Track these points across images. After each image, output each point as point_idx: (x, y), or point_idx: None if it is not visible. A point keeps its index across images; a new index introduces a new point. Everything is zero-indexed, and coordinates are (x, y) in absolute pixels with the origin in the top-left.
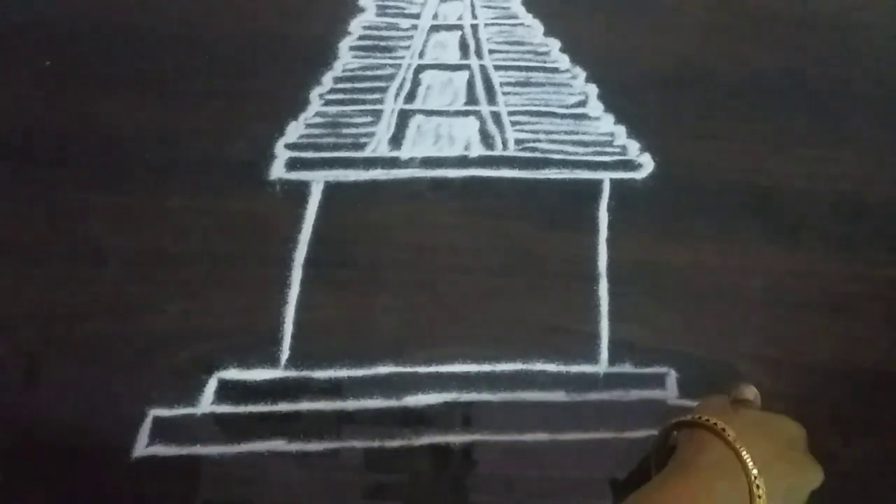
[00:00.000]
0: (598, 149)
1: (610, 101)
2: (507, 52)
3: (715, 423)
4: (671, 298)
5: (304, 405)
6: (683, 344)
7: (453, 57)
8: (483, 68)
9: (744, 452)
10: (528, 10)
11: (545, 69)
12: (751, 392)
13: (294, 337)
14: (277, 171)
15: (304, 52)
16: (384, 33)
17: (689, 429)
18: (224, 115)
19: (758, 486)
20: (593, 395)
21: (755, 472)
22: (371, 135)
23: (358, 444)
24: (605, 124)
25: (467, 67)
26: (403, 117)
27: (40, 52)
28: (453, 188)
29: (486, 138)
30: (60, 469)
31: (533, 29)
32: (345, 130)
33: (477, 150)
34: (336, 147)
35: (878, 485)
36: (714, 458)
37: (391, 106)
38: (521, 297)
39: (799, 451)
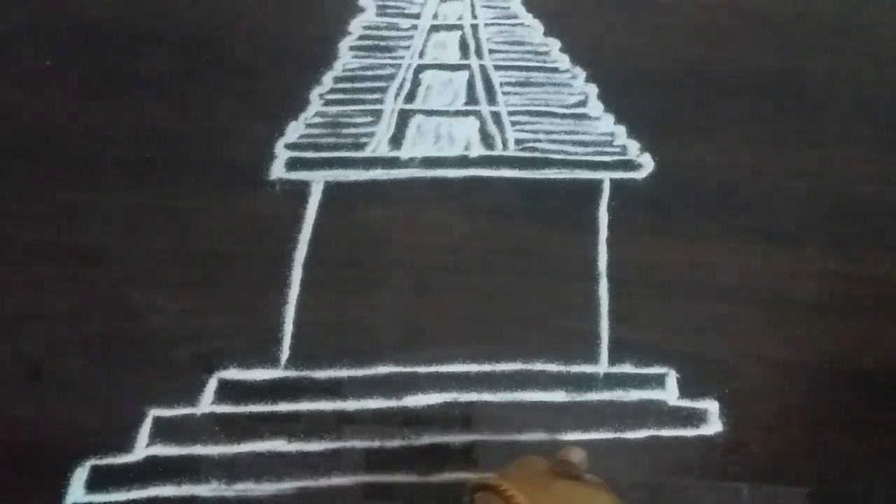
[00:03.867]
0: (598, 149)
1: (610, 101)
2: (507, 52)
3: (512, 496)
4: (671, 298)
5: (304, 405)
6: (683, 344)
7: (453, 57)
8: (483, 68)
9: None
10: (528, 10)
11: (545, 69)
12: (577, 455)
13: (294, 337)
14: (277, 171)
15: (304, 52)
16: (384, 33)
17: (486, 493)
18: (224, 115)
19: None
20: (593, 395)
21: None
22: (371, 135)
23: (358, 444)
24: (605, 124)
25: (467, 67)
26: (403, 117)
27: (40, 52)
28: (453, 188)
29: (486, 138)
30: (61, 469)
31: (533, 29)
32: (345, 130)
33: (477, 150)
34: (336, 147)
35: (877, 485)
36: None
37: (391, 106)
38: (521, 297)
39: None
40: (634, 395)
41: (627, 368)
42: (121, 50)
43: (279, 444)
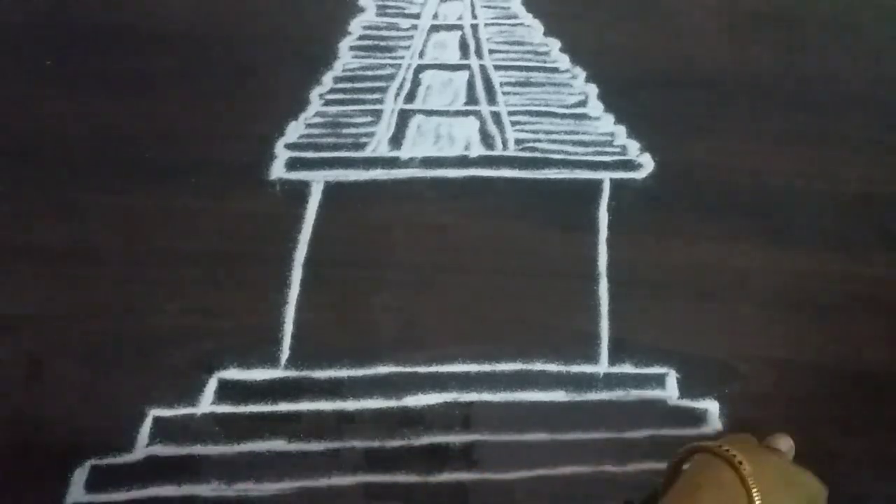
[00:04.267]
0: (598, 149)
1: (610, 101)
2: (507, 52)
3: (734, 455)
4: (671, 298)
5: (304, 405)
6: (683, 344)
7: (453, 57)
8: (483, 68)
9: (755, 491)
10: (528, 10)
11: (545, 69)
12: (785, 444)
13: (294, 337)
14: (277, 171)
15: (304, 52)
16: (384, 33)
17: (706, 455)
18: (224, 115)
19: None
20: (593, 395)
21: None
22: (371, 135)
23: (358, 444)
24: (605, 124)
25: (467, 67)
26: (403, 117)
27: (40, 52)
28: (453, 188)
29: (486, 138)
30: (61, 469)
31: (533, 29)
32: (345, 130)
33: (477, 150)
34: (336, 147)
35: (877, 484)
36: (722, 490)
37: (391, 106)
38: (521, 297)
39: None
40: (634, 395)
41: (627, 368)
42: (121, 50)
43: (279, 444)
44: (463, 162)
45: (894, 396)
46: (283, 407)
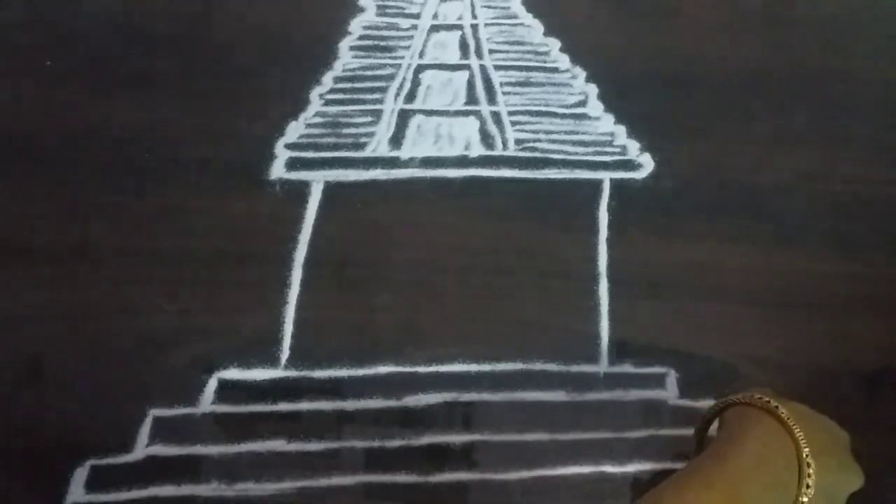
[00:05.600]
0: (598, 149)
1: (610, 101)
2: (507, 51)
3: (768, 401)
4: (671, 298)
5: (304, 405)
6: (683, 344)
7: (453, 57)
8: (483, 68)
9: (797, 430)
10: (528, 10)
11: (545, 69)
12: None
13: (294, 337)
14: (277, 171)
15: (304, 52)
16: (384, 33)
17: (739, 408)
18: (224, 115)
19: (808, 465)
20: (593, 395)
21: (807, 450)
22: (371, 135)
23: (358, 444)
24: (605, 124)
25: (467, 67)
26: (403, 117)
27: (40, 52)
28: (453, 188)
29: (486, 138)
30: (61, 469)
31: (533, 29)
32: (345, 130)
33: (477, 150)
34: (336, 147)
35: (878, 485)
36: (766, 433)
37: (391, 106)
38: (521, 297)
39: (844, 451)
40: (634, 395)
41: (627, 368)
42: (121, 50)
43: (279, 444)
44: (463, 162)
45: (894, 396)
46: (283, 407)
